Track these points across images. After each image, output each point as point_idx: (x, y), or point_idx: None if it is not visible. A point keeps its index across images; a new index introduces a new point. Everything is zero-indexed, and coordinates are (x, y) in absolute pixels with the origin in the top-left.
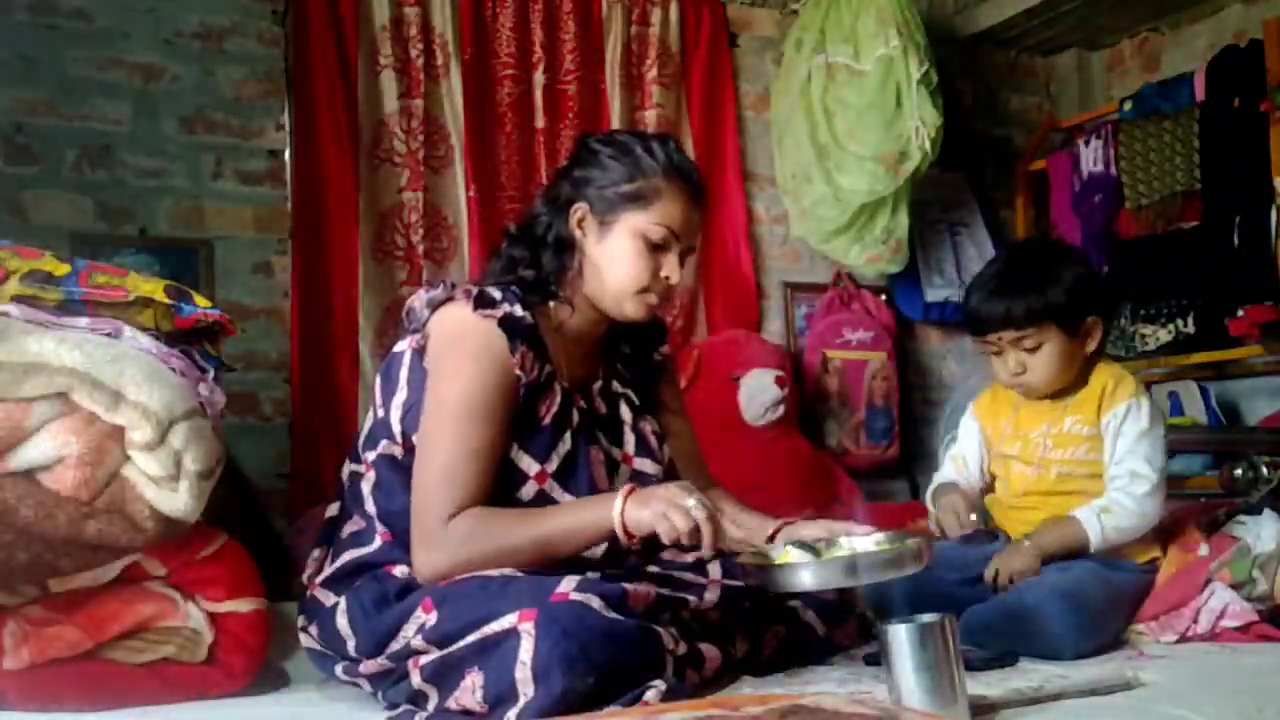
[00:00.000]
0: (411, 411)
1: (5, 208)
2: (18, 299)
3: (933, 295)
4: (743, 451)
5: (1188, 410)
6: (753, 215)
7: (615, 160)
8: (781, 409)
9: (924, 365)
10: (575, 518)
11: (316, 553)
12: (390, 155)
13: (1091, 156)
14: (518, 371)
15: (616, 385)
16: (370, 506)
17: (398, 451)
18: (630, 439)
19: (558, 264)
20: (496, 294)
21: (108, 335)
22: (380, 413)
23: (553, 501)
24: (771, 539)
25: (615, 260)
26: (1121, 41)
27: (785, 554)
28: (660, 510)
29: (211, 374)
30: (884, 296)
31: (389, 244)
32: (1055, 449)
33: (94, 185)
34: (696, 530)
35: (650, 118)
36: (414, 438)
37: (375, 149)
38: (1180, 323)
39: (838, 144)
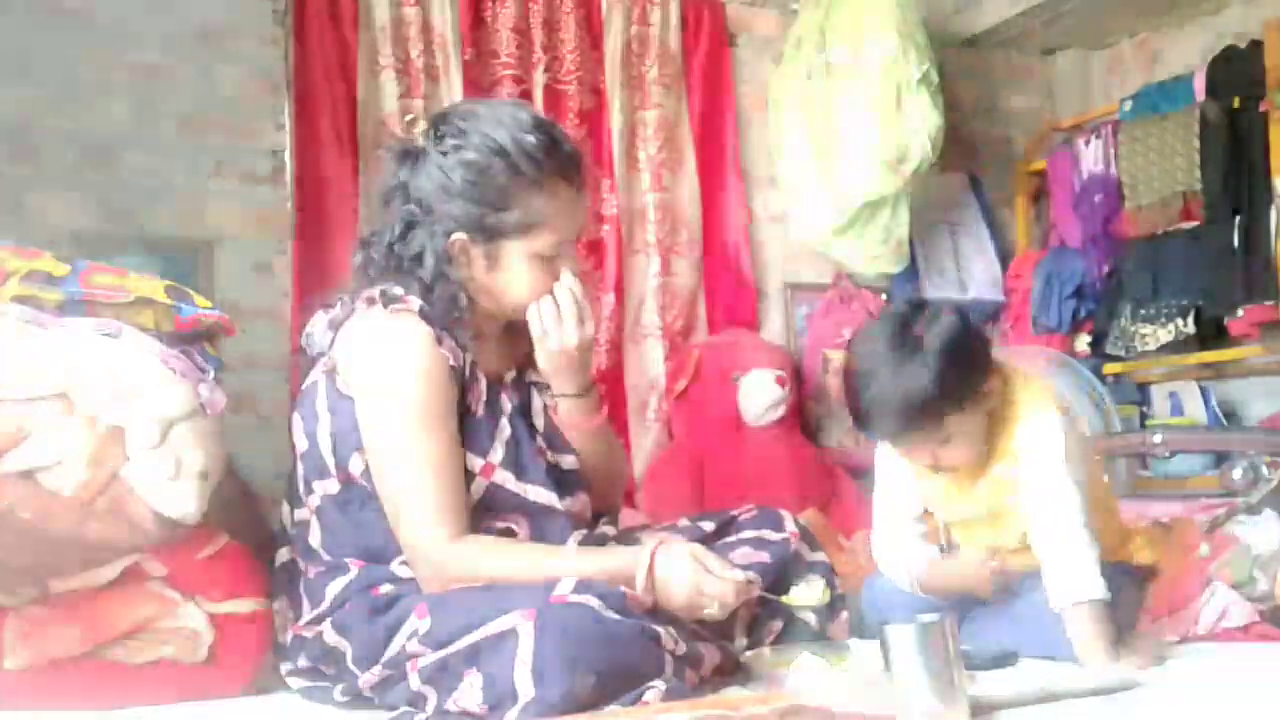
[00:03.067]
0: (340, 439)
1: (5, 208)
2: (18, 299)
3: (933, 295)
4: (743, 451)
5: (1188, 410)
6: (753, 215)
7: (479, 186)
8: (781, 409)
9: None
10: (588, 568)
11: (277, 605)
12: None
13: (1091, 156)
14: (451, 362)
15: (530, 374)
16: (326, 555)
17: (334, 488)
18: (543, 430)
19: (450, 294)
20: (399, 290)
21: (108, 335)
22: (305, 447)
23: (506, 493)
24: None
25: (512, 286)
26: (1121, 41)
27: (798, 662)
28: (684, 604)
29: (211, 374)
30: (884, 296)
31: None
32: (1009, 514)
33: (94, 185)
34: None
35: (650, 118)
36: (350, 465)
37: (375, 149)
38: (1180, 323)
39: (838, 144)
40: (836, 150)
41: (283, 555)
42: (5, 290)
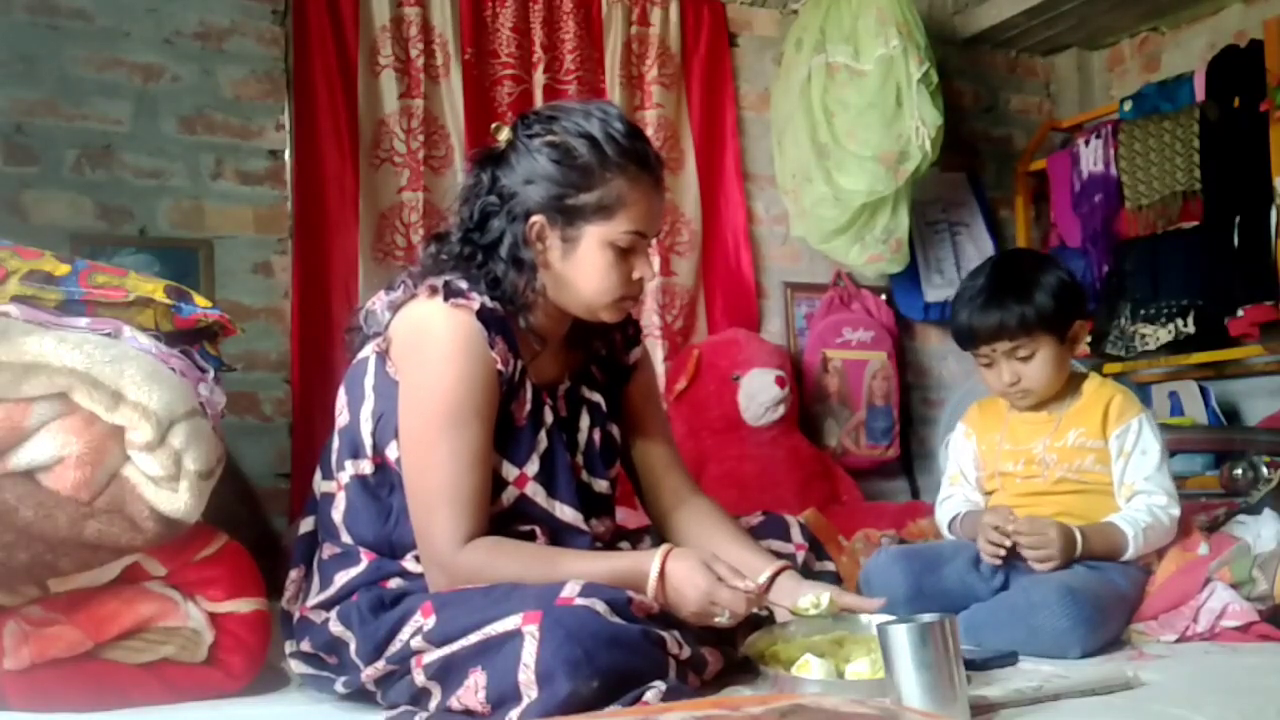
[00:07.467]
0: (382, 421)
1: (5, 208)
2: (18, 299)
3: (933, 295)
4: (743, 451)
5: (1188, 410)
6: (753, 215)
7: (564, 166)
8: (781, 409)
9: (924, 365)
10: (596, 571)
11: (294, 573)
12: (390, 155)
13: (1091, 156)
14: (499, 366)
15: (583, 390)
16: (345, 536)
17: (368, 468)
18: (583, 448)
19: (522, 281)
20: (463, 284)
21: (108, 335)
22: (345, 422)
23: (534, 506)
24: (767, 590)
25: (586, 275)
26: (1121, 41)
27: (804, 664)
28: (695, 612)
29: (211, 374)
30: (884, 296)
31: (389, 244)
32: (1060, 463)
33: (94, 185)
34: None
35: (650, 118)
36: (387, 450)
37: (375, 149)
38: (1180, 323)
39: (838, 144)
40: (836, 150)
41: (306, 524)
42: (5, 290)
